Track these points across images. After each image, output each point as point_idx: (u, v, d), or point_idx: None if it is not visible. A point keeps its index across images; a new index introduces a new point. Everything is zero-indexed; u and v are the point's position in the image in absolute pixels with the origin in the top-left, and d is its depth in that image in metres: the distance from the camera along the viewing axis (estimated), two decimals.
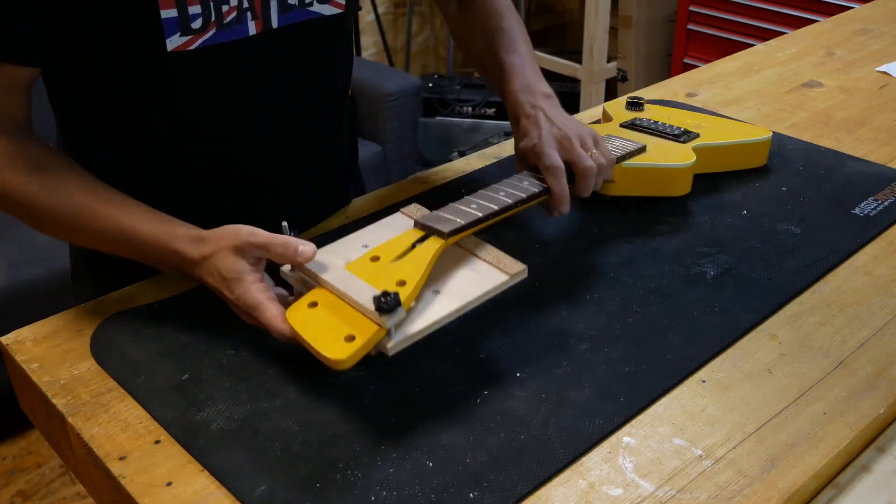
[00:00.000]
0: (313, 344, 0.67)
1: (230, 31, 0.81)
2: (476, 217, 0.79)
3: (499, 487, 0.64)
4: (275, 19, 0.84)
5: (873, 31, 1.65)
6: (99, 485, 0.70)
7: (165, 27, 0.77)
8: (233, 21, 0.81)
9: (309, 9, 0.87)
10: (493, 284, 0.74)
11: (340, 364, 0.65)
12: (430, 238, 0.76)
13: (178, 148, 0.88)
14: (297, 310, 0.71)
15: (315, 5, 0.88)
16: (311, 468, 0.65)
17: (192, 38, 0.79)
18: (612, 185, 0.99)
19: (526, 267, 0.76)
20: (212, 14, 0.79)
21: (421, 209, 0.83)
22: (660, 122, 1.10)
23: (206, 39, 0.80)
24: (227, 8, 0.80)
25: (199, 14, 0.78)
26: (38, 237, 1.91)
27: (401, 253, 0.75)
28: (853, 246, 0.94)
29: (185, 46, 0.79)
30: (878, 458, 0.70)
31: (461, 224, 0.78)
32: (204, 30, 0.79)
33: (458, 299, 0.72)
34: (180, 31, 0.78)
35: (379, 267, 0.73)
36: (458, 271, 0.76)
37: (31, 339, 0.80)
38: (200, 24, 0.79)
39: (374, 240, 0.78)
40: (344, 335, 0.67)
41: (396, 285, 0.70)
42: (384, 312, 0.66)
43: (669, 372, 0.76)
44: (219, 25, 0.80)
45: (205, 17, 0.79)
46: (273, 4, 0.84)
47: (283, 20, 0.85)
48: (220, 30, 0.80)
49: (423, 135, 3.03)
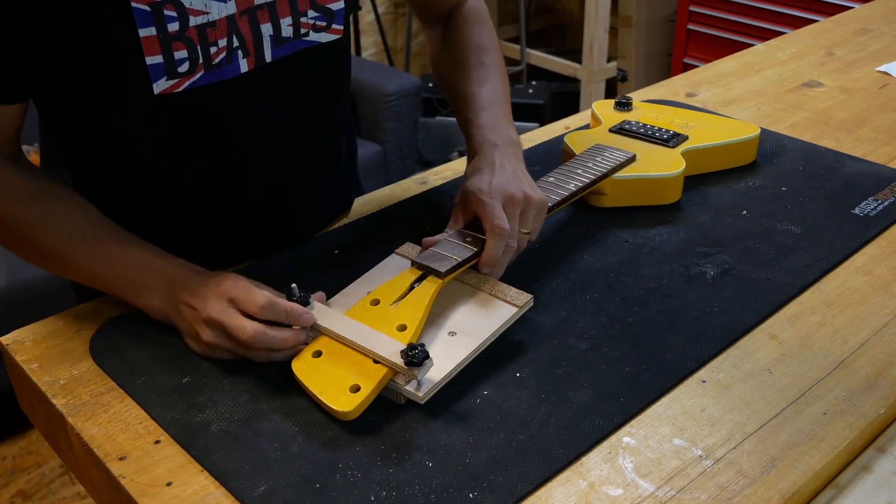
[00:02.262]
0: (320, 396, 0.69)
1: (221, 70, 0.80)
2: (472, 252, 0.81)
3: (499, 487, 0.64)
4: (268, 54, 0.83)
5: (873, 31, 1.65)
6: (99, 485, 0.70)
7: (151, 72, 0.76)
8: (222, 61, 0.80)
9: (304, 39, 0.85)
10: (504, 319, 0.77)
11: (348, 416, 0.69)
12: (427, 278, 0.78)
13: (171, 178, 0.88)
14: (302, 360, 0.72)
15: (311, 35, 0.86)
16: (311, 468, 0.65)
17: (180, 81, 0.78)
18: (604, 198, 1.00)
19: (532, 297, 0.79)
20: (199, 57, 0.78)
21: (415, 248, 0.85)
22: (648, 126, 1.10)
23: (193, 81, 0.79)
24: (215, 49, 0.79)
25: (186, 58, 0.77)
26: None
27: (400, 295, 0.76)
28: (853, 246, 0.94)
29: (172, 89, 0.78)
30: (878, 458, 0.70)
31: (457, 262, 0.80)
32: (191, 72, 0.78)
33: (476, 338, 0.75)
34: (167, 75, 0.77)
35: (379, 311, 0.76)
36: (467, 309, 0.78)
37: (31, 339, 0.80)
38: (187, 67, 0.78)
39: (375, 285, 0.80)
40: (349, 385, 0.70)
41: (397, 330, 0.73)
42: (414, 366, 0.68)
43: (669, 372, 0.76)
44: (207, 67, 0.79)
45: (192, 60, 0.78)
46: (266, 40, 0.82)
47: (278, 53, 0.84)
48: (209, 71, 0.79)
49: (423, 135, 3.03)
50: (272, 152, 0.90)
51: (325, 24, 0.86)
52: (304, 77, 0.88)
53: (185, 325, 0.77)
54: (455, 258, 0.79)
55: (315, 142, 0.95)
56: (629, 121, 1.12)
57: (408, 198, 1.04)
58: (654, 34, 3.17)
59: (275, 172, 0.92)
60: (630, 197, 1.01)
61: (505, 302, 0.78)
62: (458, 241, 0.82)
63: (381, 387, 0.70)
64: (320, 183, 0.99)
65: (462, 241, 0.82)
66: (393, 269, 0.83)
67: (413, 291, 0.77)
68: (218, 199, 0.90)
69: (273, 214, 0.94)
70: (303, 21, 0.84)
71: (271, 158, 0.90)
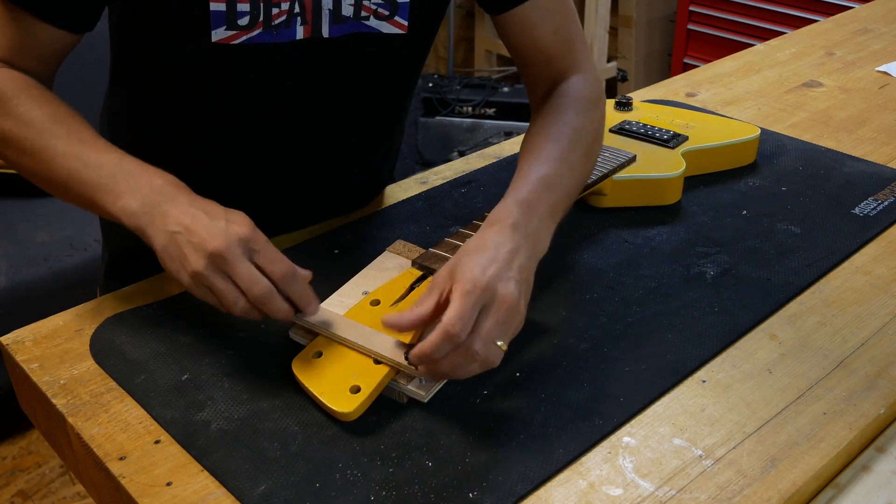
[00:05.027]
0: (320, 397, 0.69)
1: (278, 32, 0.81)
2: None
3: (499, 487, 0.64)
4: (326, 29, 0.83)
5: (873, 31, 1.65)
6: (99, 485, 0.70)
7: (213, 19, 0.78)
8: (281, 24, 0.81)
9: (364, 22, 0.85)
10: None
11: (348, 416, 0.69)
12: (427, 279, 0.78)
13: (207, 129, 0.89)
14: (303, 360, 0.72)
15: (372, 20, 0.85)
16: (311, 468, 0.65)
17: (237, 34, 0.80)
18: (604, 198, 1.00)
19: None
20: (260, 14, 0.80)
21: (407, 245, 0.84)
22: (649, 126, 1.10)
23: (251, 37, 0.80)
24: (276, 11, 0.80)
25: (248, 13, 0.79)
26: (38, 237, 1.92)
27: (400, 295, 0.76)
28: (853, 246, 0.94)
29: (228, 40, 0.80)
30: (878, 458, 0.70)
31: None
32: (250, 28, 0.80)
33: None
34: (226, 24, 0.79)
35: (380, 312, 0.76)
36: None
37: (31, 339, 0.80)
38: (247, 21, 0.79)
39: (371, 284, 0.80)
40: (349, 386, 0.70)
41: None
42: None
43: (669, 372, 0.76)
44: (265, 26, 0.80)
45: (252, 15, 0.79)
46: (325, 14, 0.82)
47: (336, 30, 0.84)
48: (267, 30, 0.81)
49: (423, 135, 3.03)
50: (309, 126, 0.90)
51: (387, 14, 0.86)
52: (359, 61, 0.88)
53: (167, 243, 0.70)
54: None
55: (355, 128, 0.95)
56: (629, 121, 1.12)
57: (408, 198, 1.04)
58: (654, 34, 3.17)
59: (306, 147, 0.92)
60: (630, 197, 1.01)
61: None
62: (458, 242, 0.82)
63: (381, 387, 0.70)
64: (349, 172, 0.99)
65: (462, 241, 0.82)
66: (386, 266, 0.83)
67: (413, 292, 0.78)
68: (248, 159, 0.91)
69: (296, 190, 0.95)
70: (364, 4, 0.84)
71: (306, 132, 0.91)
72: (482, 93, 3.13)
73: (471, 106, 3.11)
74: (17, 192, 1.99)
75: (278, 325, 0.79)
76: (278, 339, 0.78)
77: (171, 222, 0.71)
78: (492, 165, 1.12)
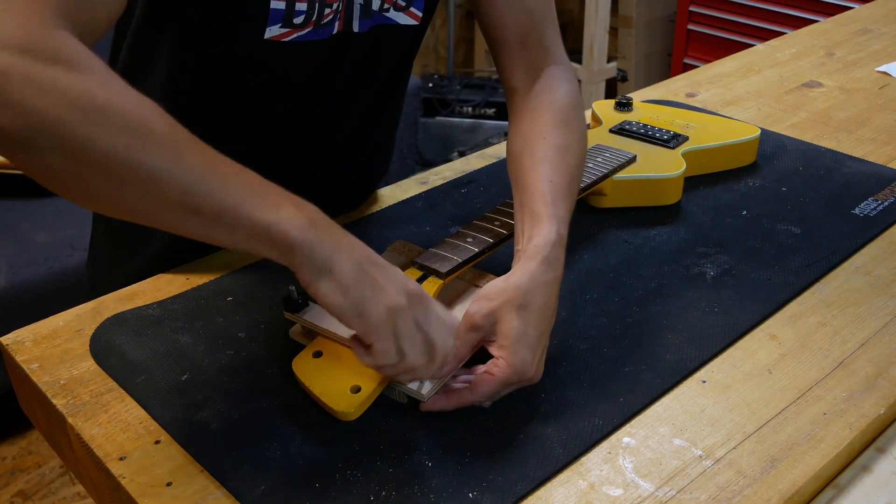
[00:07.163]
0: (321, 397, 0.69)
1: (323, 30, 0.82)
2: (472, 252, 0.81)
3: (499, 487, 0.64)
4: (356, 23, 0.84)
5: (873, 31, 1.65)
6: (99, 485, 0.70)
7: (271, 16, 0.78)
8: (327, 23, 0.81)
9: (385, 14, 0.85)
10: None
11: (348, 416, 0.69)
12: (428, 278, 0.78)
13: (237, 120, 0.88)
14: (303, 360, 0.72)
15: (391, 12, 0.86)
16: (311, 468, 0.65)
17: (289, 31, 0.80)
18: (604, 198, 1.00)
19: None
20: (314, 14, 0.80)
21: (407, 245, 0.84)
22: (649, 126, 1.10)
23: (301, 35, 0.81)
24: (328, 11, 0.80)
25: (304, 12, 0.79)
26: (38, 237, 1.92)
27: None
28: (853, 246, 0.94)
29: (280, 37, 0.80)
30: (878, 459, 0.70)
31: (458, 262, 0.79)
32: (302, 26, 0.80)
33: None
34: (282, 22, 0.79)
35: None
36: (466, 307, 0.77)
37: (31, 339, 0.80)
38: (301, 20, 0.79)
39: None
40: (349, 385, 0.70)
41: None
42: None
43: (669, 372, 0.76)
44: (316, 25, 0.81)
45: (307, 15, 0.79)
46: (356, 8, 0.83)
47: (364, 25, 0.84)
48: (316, 28, 0.81)
49: (423, 135, 3.03)
50: (316, 118, 0.90)
51: (404, 4, 0.86)
52: (374, 55, 0.88)
53: (358, 270, 0.64)
54: (456, 258, 0.79)
55: (354, 119, 0.95)
56: (629, 121, 1.12)
57: (408, 198, 1.04)
58: (654, 34, 3.17)
59: (309, 139, 0.92)
60: (630, 197, 1.01)
61: None
62: (458, 242, 0.82)
63: (381, 387, 0.70)
64: (347, 162, 0.99)
65: (463, 241, 0.82)
66: None
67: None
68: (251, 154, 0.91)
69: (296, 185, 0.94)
70: None
71: (312, 124, 0.91)
72: (482, 93, 3.13)
73: (471, 106, 3.11)
74: (18, 192, 2.00)
75: (278, 325, 0.79)
76: (278, 339, 0.78)
77: (359, 252, 0.65)
78: (492, 165, 1.12)
